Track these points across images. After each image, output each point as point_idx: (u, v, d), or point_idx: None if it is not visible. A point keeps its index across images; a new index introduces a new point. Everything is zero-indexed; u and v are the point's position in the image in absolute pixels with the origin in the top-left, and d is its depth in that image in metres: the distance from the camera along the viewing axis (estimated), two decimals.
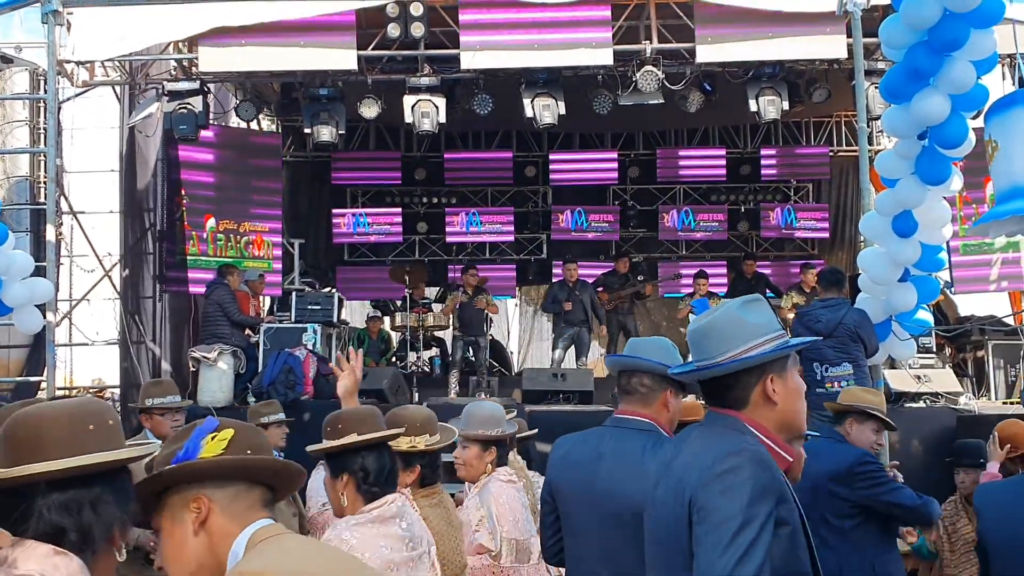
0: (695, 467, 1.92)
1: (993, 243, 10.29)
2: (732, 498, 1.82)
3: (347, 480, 2.58)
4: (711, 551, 1.80)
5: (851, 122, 12.68)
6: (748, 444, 1.91)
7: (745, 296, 2.08)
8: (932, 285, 6.33)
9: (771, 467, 1.88)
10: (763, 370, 1.97)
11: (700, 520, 1.85)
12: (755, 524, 1.79)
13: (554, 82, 9.22)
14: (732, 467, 1.85)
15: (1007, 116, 4.41)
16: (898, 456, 7.19)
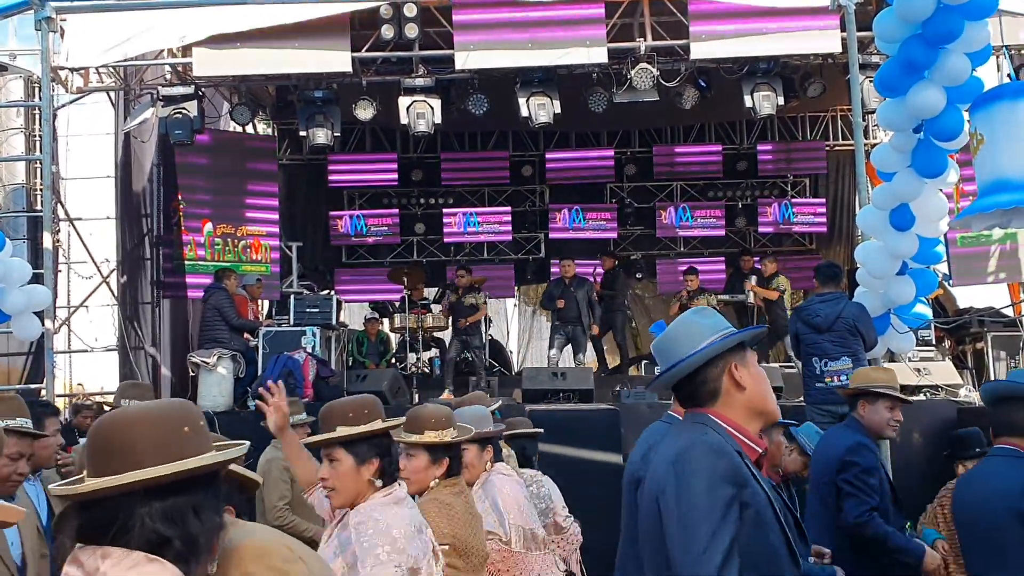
0: (660, 464, 2.07)
1: (991, 235, 10.28)
2: (690, 488, 1.94)
3: (377, 464, 2.66)
4: (679, 543, 1.91)
5: (847, 116, 12.68)
6: (703, 437, 2.04)
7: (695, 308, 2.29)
8: (930, 278, 6.33)
9: (726, 454, 1.99)
10: (724, 360, 2.12)
11: (665, 513, 1.98)
12: (717, 509, 1.89)
13: (549, 81, 9.21)
14: (686, 459, 1.98)
15: (993, 110, 4.41)
16: (899, 449, 7.20)
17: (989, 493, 2.93)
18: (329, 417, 2.74)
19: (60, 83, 9.23)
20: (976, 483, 3.05)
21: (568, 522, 4.79)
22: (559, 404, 8.97)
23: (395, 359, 11.63)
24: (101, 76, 9.65)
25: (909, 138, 5.26)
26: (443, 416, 3.16)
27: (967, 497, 3.07)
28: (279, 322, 10.22)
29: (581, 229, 13.34)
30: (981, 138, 4.38)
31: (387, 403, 9.01)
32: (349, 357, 11.16)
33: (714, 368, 2.11)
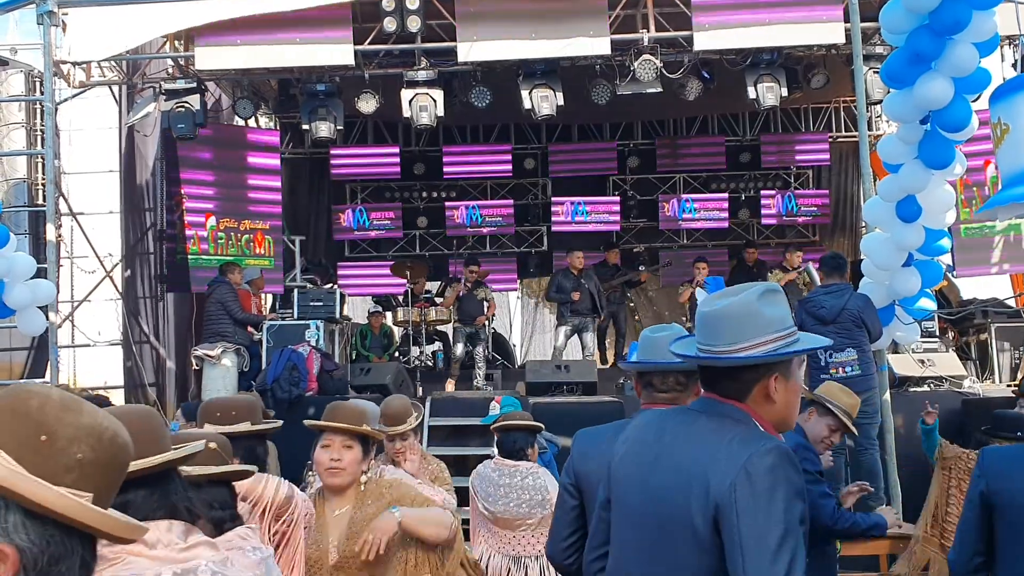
0: (719, 461, 1.85)
1: (994, 226, 10.27)
2: (774, 502, 1.77)
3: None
4: (759, 562, 1.75)
5: (850, 108, 12.66)
6: (780, 444, 1.86)
7: (765, 285, 2.02)
8: (936, 269, 6.32)
9: (798, 465, 1.84)
10: (770, 368, 1.94)
11: (739, 526, 1.78)
12: (796, 529, 1.77)
13: (552, 73, 9.19)
14: (771, 467, 1.80)
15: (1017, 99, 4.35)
16: (902, 441, 7.20)
17: None
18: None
19: (62, 77, 9.21)
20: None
21: None
22: (562, 397, 8.98)
23: (398, 352, 11.63)
24: (103, 70, 9.64)
25: (916, 129, 5.24)
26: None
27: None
28: (283, 316, 10.24)
29: (584, 222, 13.31)
30: (1006, 127, 4.33)
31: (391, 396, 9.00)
32: (353, 351, 11.17)
33: (754, 372, 1.94)
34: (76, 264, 10.95)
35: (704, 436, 1.93)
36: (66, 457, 1.23)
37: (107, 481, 1.28)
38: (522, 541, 4.67)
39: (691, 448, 1.93)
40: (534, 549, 4.62)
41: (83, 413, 1.28)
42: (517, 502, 4.61)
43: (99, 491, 1.26)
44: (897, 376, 8.31)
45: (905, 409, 8.04)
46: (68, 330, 10.79)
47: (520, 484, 4.64)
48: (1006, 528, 2.88)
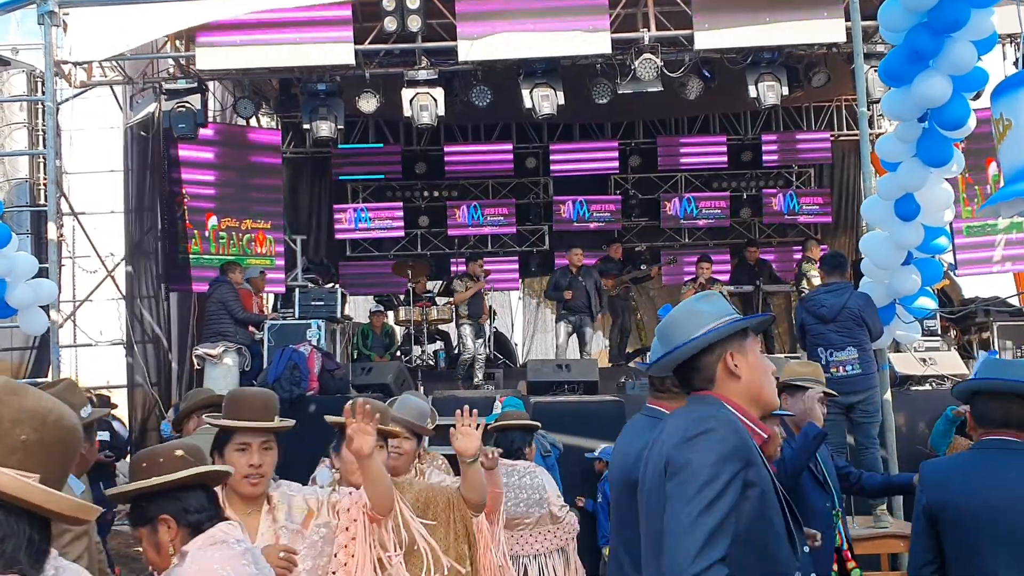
0: (671, 435, 2.05)
1: (996, 224, 10.26)
2: (700, 456, 1.93)
3: None
4: (677, 503, 1.91)
5: (851, 106, 12.64)
6: (720, 412, 2.04)
7: (703, 292, 2.31)
8: (935, 268, 6.31)
9: (740, 432, 2.00)
10: (721, 348, 2.11)
11: (670, 477, 1.96)
12: (721, 479, 1.89)
13: (552, 72, 9.19)
14: (702, 430, 1.97)
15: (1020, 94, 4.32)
16: (904, 439, 7.19)
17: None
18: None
19: (63, 77, 9.23)
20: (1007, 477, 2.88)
21: (564, 512, 4.83)
22: (564, 396, 8.98)
23: (400, 352, 11.64)
24: (104, 70, 9.65)
25: (914, 127, 5.24)
26: None
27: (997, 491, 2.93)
28: (284, 315, 10.24)
29: (585, 221, 13.31)
30: (1008, 123, 4.31)
31: (392, 395, 9.01)
32: (354, 350, 11.17)
33: (710, 355, 2.11)
34: (78, 264, 10.97)
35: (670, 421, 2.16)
36: (10, 439, 1.26)
37: (53, 462, 1.30)
38: (520, 540, 4.68)
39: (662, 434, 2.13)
40: (532, 548, 4.63)
41: (27, 396, 1.29)
42: (515, 501, 4.63)
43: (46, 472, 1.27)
44: (898, 375, 8.29)
45: (906, 408, 8.03)
46: (70, 330, 10.81)
47: (517, 483, 4.66)
48: (951, 538, 2.93)
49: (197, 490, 2.25)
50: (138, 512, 2.26)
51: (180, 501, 2.22)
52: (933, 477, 3.07)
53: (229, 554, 2.13)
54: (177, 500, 2.22)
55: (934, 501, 2.98)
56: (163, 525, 2.20)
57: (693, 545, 1.84)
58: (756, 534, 1.92)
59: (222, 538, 2.17)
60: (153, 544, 2.23)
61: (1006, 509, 2.79)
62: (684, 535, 1.86)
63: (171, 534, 2.20)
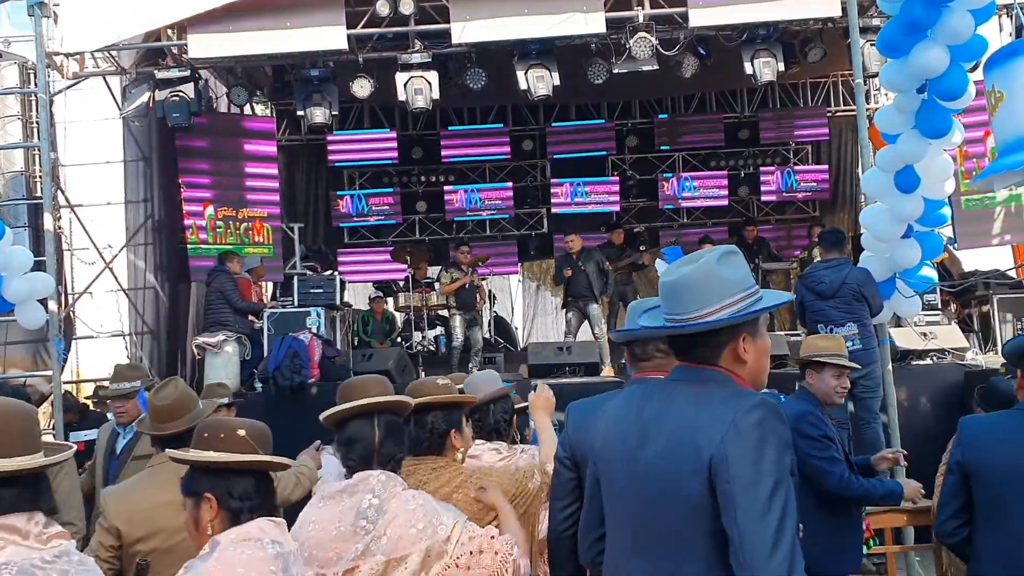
0: (710, 423, 1.86)
1: (995, 197, 10.22)
2: (763, 454, 1.80)
3: None
4: (752, 514, 1.77)
5: (848, 81, 12.58)
6: (760, 397, 1.89)
7: (724, 248, 2.04)
8: (935, 241, 6.28)
9: (784, 419, 1.87)
10: (738, 329, 1.97)
11: (731, 479, 1.80)
12: (786, 480, 1.80)
13: (547, 53, 9.13)
14: (758, 421, 1.83)
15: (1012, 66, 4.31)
16: (906, 413, 7.20)
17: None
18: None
19: (55, 69, 9.17)
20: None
21: None
22: (566, 378, 8.97)
23: (400, 338, 11.63)
24: (97, 61, 9.59)
25: (912, 99, 5.20)
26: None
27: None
28: (283, 303, 10.23)
29: (584, 203, 13.28)
30: (1000, 95, 4.29)
31: (394, 381, 9.00)
32: (354, 337, 11.16)
33: (721, 334, 1.96)
34: (76, 256, 10.93)
35: (688, 403, 1.95)
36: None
37: None
38: None
39: (677, 417, 1.95)
40: None
41: None
42: None
43: None
44: (899, 349, 8.29)
45: (907, 382, 8.04)
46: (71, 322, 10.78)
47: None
48: (982, 494, 2.97)
49: (248, 476, 2.18)
50: (190, 481, 2.22)
51: (227, 483, 2.16)
52: (972, 435, 3.08)
53: (258, 556, 2.05)
54: (225, 481, 2.16)
55: (970, 458, 3.00)
56: (206, 503, 2.15)
57: (783, 563, 1.74)
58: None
59: (257, 536, 2.10)
60: (193, 518, 2.19)
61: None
62: (770, 554, 1.75)
63: (211, 514, 2.15)
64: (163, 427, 3.23)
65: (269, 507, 2.20)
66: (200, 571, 2.01)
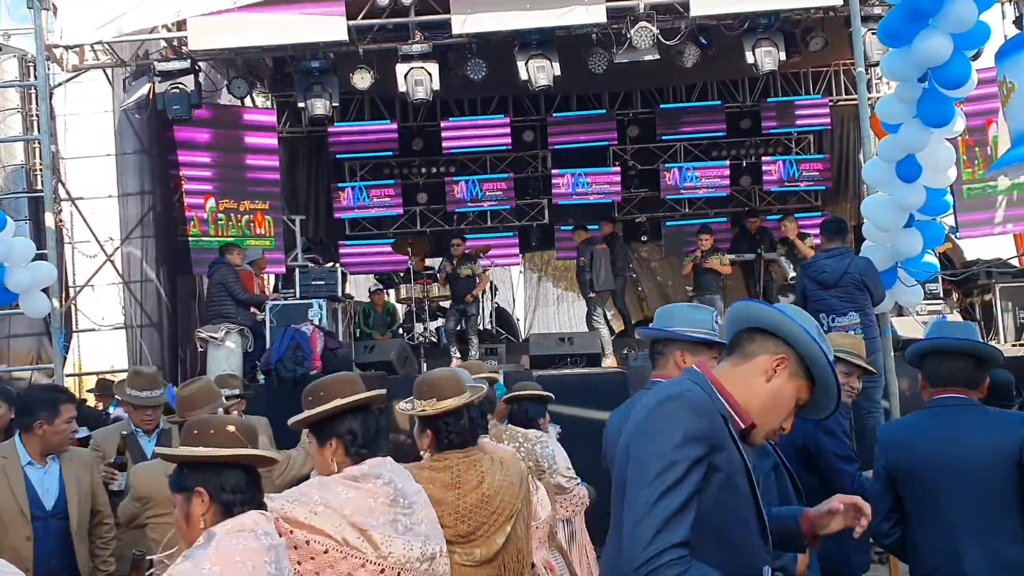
0: (639, 412, 2.02)
1: (996, 185, 10.20)
2: (660, 440, 1.89)
3: (336, 445, 2.59)
4: (636, 488, 1.88)
5: (849, 70, 12.55)
6: (689, 392, 1.96)
7: None
8: (937, 230, 6.28)
9: (708, 414, 1.93)
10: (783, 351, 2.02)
11: (631, 460, 1.93)
12: (681, 465, 1.85)
13: (548, 43, 9.11)
14: (665, 411, 1.93)
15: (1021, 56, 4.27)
16: (907, 403, 7.19)
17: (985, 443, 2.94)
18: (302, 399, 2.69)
19: (55, 61, 9.16)
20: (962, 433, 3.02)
21: (572, 483, 4.83)
22: (567, 369, 8.98)
23: (402, 329, 11.64)
24: (96, 53, 9.57)
25: (914, 88, 5.18)
26: (428, 385, 3.00)
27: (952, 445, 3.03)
28: (285, 295, 10.24)
29: (585, 193, 13.26)
30: (1011, 85, 4.26)
31: (395, 373, 9.04)
32: (356, 329, 11.17)
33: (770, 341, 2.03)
34: (77, 249, 10.94)
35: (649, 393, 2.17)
36: None
37: None
38: None
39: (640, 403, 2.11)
40: None
41: None
42: None
43: None
44: (901, 338, 8.28)
45: (909, 372, 8.02)
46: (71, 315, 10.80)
47: (528, 452, 4.67)
48: (912, 491, 3.10)
49: (237, 470, 2.22)
50: (180, 477, 2.24)
51: (218, 477, 2.19)
52: (890, 438, 3.23)
53: (254, 547, 2.10)
54: (216, 475, 2.19)
55: (892, 461, 3.15)
56: (197, 497, 2.18)
57: (649, 529, 1.81)
58: (719, 519, 1.89)
59: (251, 527, 2.14)
60: (184, 513, 2.21)
61: (961, 460, 2.95)
62: (641, 520, 1.83)
63: (203, 508, 2.18)
64: (187, 415, 3.71)
65: (258, 500, 2.24)
66: (200, 558, 2.04)
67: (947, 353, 3.09)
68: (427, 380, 3.06)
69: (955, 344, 3.10)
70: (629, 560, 1.82)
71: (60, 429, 3.99)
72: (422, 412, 2.97)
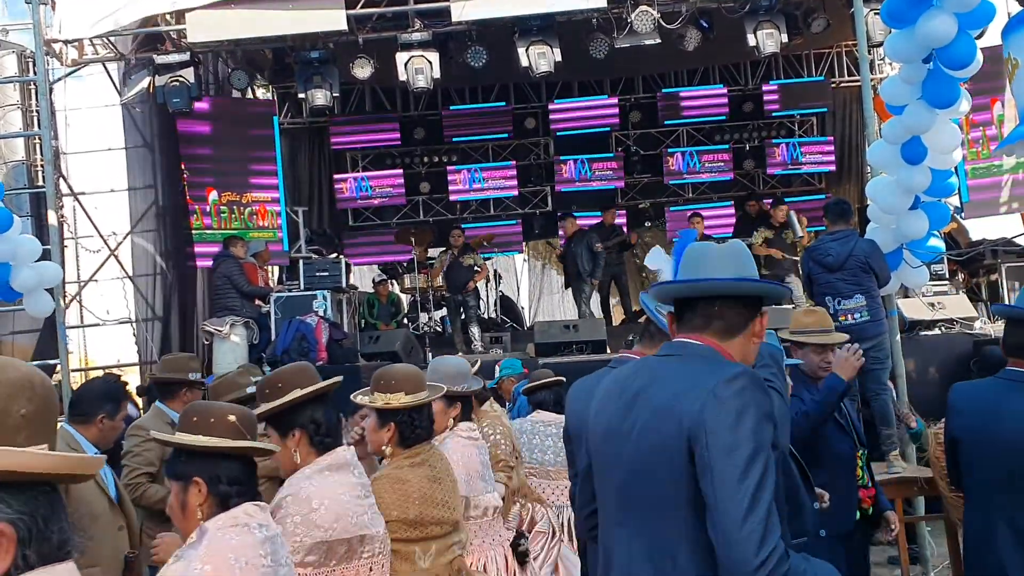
0: (690, 394, 1.89)
1: (1002, 165, 10.15)
2: (742, 422, 1.82)
3: (299, 436, 2.59)
4: (728, 479, 1.79)
5: (852, 52, 12.47)
6: (745, 368, 1.93)
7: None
8: (943, 211, 6.23)
9: (767, 391, 1.90)
10: (759, 304, 2.02)
11: (708, 445, 1.83)
12: (765, 449, 1.81)
13: (548, 29, 9.06)
14: (738, 390, 1.85)
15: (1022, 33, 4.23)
16: (915, 384, 7.18)
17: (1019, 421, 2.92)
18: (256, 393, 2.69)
19: (54, 56, 9.13)
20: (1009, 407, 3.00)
21: None
22: (572, 356, 8.98)
23: (407, 319, 11.64)
24: (96, 48, 9.54)
25: (919, 69, 5.13)
26: (395, 378, 2.99)
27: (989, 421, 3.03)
28: (289, 287, 10.24)
29: (588, 180, 13.22)
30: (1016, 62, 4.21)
31: (402, 363, 9.04)
32: (361, 319, 11.18)
33: (744, 307, 2.02)
34: (80, 244, 10.94)
35: (674, 375, 2.00)
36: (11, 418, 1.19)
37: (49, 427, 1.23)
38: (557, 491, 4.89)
39: (661, 389, 1.99)
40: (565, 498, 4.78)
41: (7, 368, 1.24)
42: (554, 451, 4.85)
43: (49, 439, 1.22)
44: (907, 320, 8.27)
45: (916, 354, 8.03)
46: (76, 310, 10.81)
47: (556, 433, 4.86)
48: (963, 457, 3.13)
49: (235, 461, 2.20)
50: (177, 465, 2.22)
51: (217, 468, 2.17)
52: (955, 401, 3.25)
53: (247, 541, 2.08)
54: (215, 466, 2.17)
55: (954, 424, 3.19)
56: (194, 487, 2.16)
57: (757, 528, 1.75)
58: (780, 493, 1.87)
59: (244, 521, 2.13)
60: (180, 502, 2.19)
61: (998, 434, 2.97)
62: (745, 517, 1.76)
63: (200, 498, 2.15)
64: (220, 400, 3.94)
65: (253, 491, 2.23)
66: (191, 558, 2.03)
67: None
68: (390, 373, 3.04)
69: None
70: (740, 562, 1.75)
71: (118, 426, 3.94)
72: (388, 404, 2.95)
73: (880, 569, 6.29)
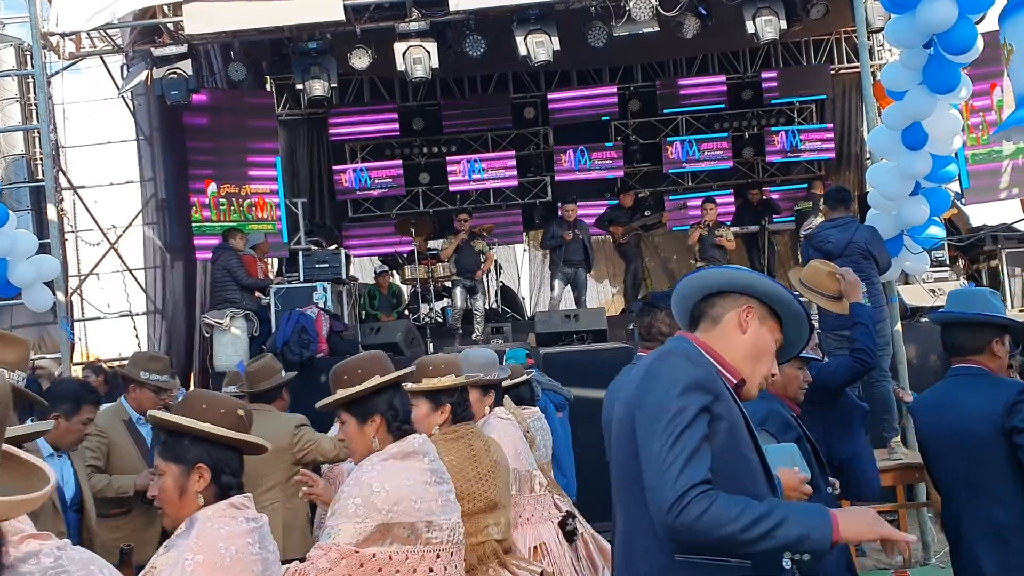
0: (635, 378, 2.08)
1: (1002, 150, 10.12)
2: (666, 389, 1.95)
3: (379, 422, 2.60)
4: (649, 439, 1.91)
5: (851, 38, 12.43)
6: (680, 347, 2.06)
7: None
8: (943, 197, 6.23)
9: (704, 365, 2.01)
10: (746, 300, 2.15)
11: (638, 414, 1.98)
12: (689, 410, 1.90)
13: (546, 17, 9.03)
14: (664, 363, 2.01)
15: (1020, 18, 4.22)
16: (916, 371, 7.19)
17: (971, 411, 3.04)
18: (332, 380, 2.70)
19: (52, 49, 9.10)
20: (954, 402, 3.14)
21: None
22: (573, 346, 8.98)
23: (408, 310, 11.64)
24: (93, 41, 9.51)
25: (919, 54, 5.12)
26: (443, 363, 3.16)
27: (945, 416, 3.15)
28: (289, 279, 10.24)
29: (587, 169, 13.19)
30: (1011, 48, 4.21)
31: (402, 354, 9.04)
32: (362, 311, 11.18)
33: (730, 298, 2.16)
34: (80, 237, 10.94)
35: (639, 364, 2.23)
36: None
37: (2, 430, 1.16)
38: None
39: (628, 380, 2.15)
40: None
41: None
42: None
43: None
44: (908, 307, 8.27)
45: (917, 340, 8.02)
46: (77, 303, 10.83)
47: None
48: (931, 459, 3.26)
49: (236, 453, 2.24)
50: (176, 448, 2.20)
51: (221, 457, 2.20)
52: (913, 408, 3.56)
53: (236, 530, 2.10)
54: (219, 455, 2.19)
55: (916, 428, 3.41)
56: (196, 473, 2.17)
57: (672, 471, 1.85)
58: (727, 467, 1.93)
59: (232, 514, 2.16)
60: (179, 486, 2.18)
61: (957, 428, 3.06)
62: (662, 466, 1.86)
63: (201, 485, 2.16)
64: (256, 386, 4.50)
65: (242, 484, 2.27)
66: (182, 548, 2.05)
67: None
68: (433, 361, 3.19)
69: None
70: (658, 506, 1.86)
71: (75, 428, 3.89)
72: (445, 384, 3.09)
73: (879, 555, 6.32)
